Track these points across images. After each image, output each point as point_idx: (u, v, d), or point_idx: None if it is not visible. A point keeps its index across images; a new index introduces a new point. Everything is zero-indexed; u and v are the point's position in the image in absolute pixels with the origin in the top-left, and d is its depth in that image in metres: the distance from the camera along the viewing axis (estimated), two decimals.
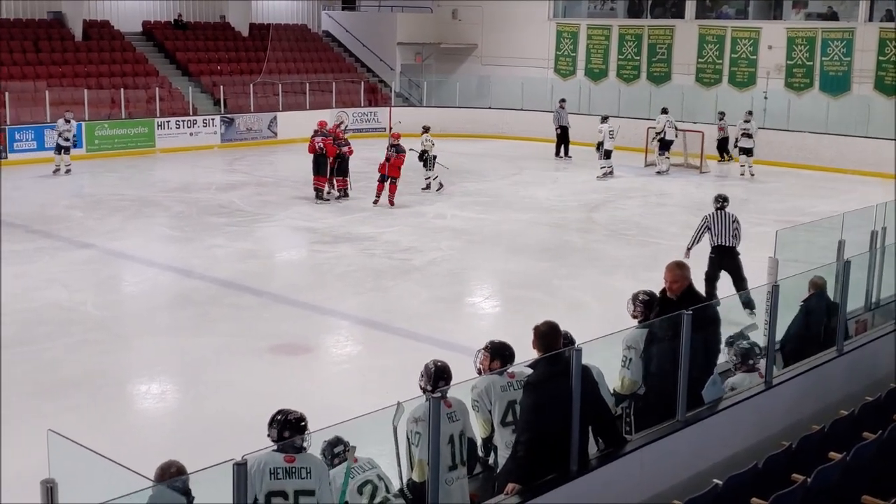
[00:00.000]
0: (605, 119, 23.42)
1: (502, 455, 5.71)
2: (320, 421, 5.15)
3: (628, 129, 24.86)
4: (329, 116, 24.04)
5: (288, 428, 4.75)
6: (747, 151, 23.01)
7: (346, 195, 18.93)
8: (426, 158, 20.00)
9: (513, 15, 32.53)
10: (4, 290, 12.77)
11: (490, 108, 30.84)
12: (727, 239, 11.46)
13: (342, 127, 19.79)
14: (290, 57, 31.94)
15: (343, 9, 35.82)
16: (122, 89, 25.64)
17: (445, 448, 5.18)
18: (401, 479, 5.47)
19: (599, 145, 23.02)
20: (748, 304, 10.11)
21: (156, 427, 8.75)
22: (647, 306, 6.67)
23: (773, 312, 6.94)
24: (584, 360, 5.31)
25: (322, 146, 18.63)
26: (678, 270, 6.56)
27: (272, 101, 28.81)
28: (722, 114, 24.85)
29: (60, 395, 9.09)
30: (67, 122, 21.57)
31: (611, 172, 22.63)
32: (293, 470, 4.59)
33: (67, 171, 21.59)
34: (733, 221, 11.59)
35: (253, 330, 11.19)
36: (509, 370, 5.78)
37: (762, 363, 6.89)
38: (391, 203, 18.34)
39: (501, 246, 15.70)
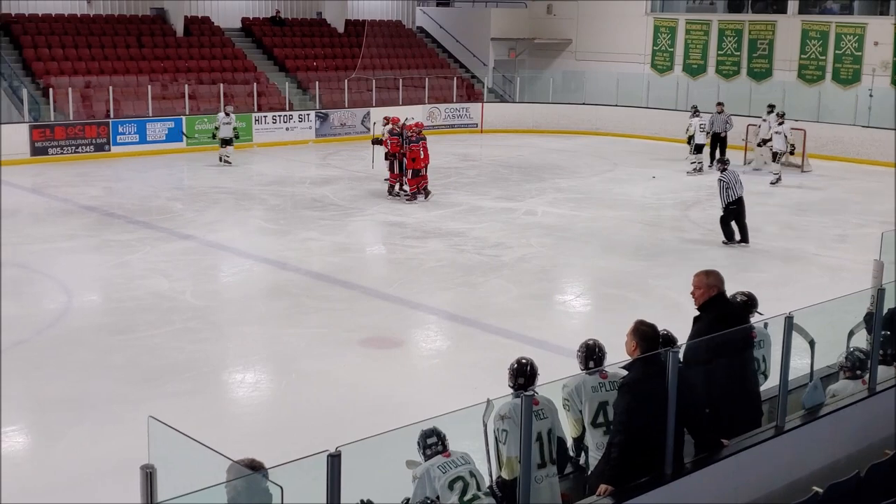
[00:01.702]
0: (696, 112, 22.91)
1: (593, 456, 5.65)
2: (409, 416, 5.20)
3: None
4: (421, 112, 24.19)
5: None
6: (775, 156, 21.23)
7: (420, 194, 18.56)
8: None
9: (608, 10, 32.20)
10: (107, 279, 13.18)
11: (584, 103, 30.54)
12: (740, 191, 15.05)
13: (400, 124, 19.30)
14: (383, 53, 32.20)
15: (437, 5, 35.96)
16: (221, 84, 26.24)
17: (533, 446, 5.15)
18: (490, 476, 5.46)
19: (690, 139, 22.58)
20: (744, 238, 15.16)
21: (251, 415, 8.91)
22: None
23: (877, 317, 6.71)
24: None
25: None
26: (703, 277, 6.00)
27: (366, 96, 29.09)
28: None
29: (161, 381, 9.32)
30: (227, 115, 22.57)
31: (700, 168, 22.18)
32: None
33: (227, 163, 22.43)
34: (739, 175, 15.46)
35: (344, 322, 11.31)
36: (603, 371, 5.71)
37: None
38: (428, 195, 18.49)
39: (594, 244, 15.54)
